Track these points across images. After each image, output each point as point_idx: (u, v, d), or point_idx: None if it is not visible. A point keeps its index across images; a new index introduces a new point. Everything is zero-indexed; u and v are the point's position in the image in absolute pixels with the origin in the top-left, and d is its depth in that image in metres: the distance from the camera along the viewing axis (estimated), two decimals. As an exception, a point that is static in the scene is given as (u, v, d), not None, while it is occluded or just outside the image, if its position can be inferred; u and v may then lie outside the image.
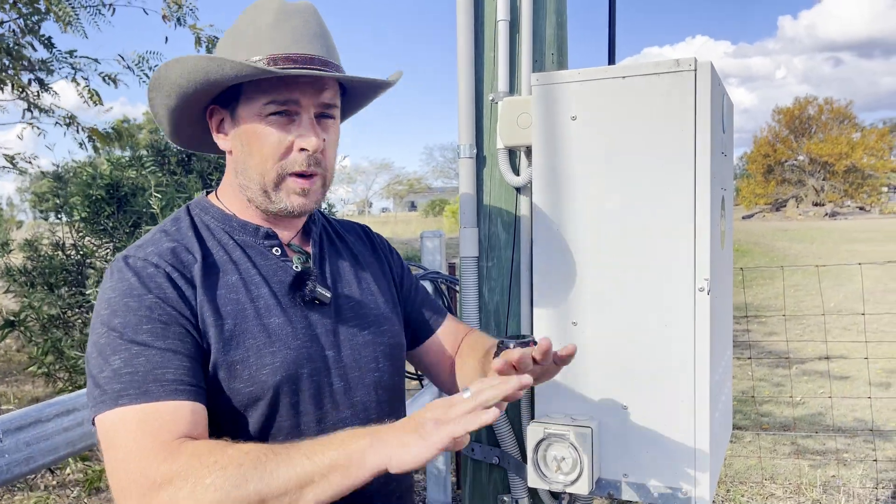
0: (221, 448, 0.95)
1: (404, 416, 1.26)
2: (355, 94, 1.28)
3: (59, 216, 3.46)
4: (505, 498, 1.64)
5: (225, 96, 1.18)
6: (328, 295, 1.18)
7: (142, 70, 5.41)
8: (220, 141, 1.22)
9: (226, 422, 1.10)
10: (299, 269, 1.19)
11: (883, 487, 4.14)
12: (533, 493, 1.62)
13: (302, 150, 1.13)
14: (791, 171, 53.39)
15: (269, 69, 1.10)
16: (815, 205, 50.46)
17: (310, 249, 1.25)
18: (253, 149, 1.15)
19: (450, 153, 68.39)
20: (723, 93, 1.51)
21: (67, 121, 5.97)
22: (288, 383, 1.11)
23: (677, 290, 1.35)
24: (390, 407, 1.25)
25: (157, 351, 1.01)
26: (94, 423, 1.04)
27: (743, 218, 47.74)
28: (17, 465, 1.53)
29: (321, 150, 1.14)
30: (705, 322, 1.34)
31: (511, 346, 1.12)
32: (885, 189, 55.26)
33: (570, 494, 1.54)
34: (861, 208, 51.04)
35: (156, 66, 5.52)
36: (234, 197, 1.22)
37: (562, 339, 1.45)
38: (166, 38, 5.78)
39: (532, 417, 1.56)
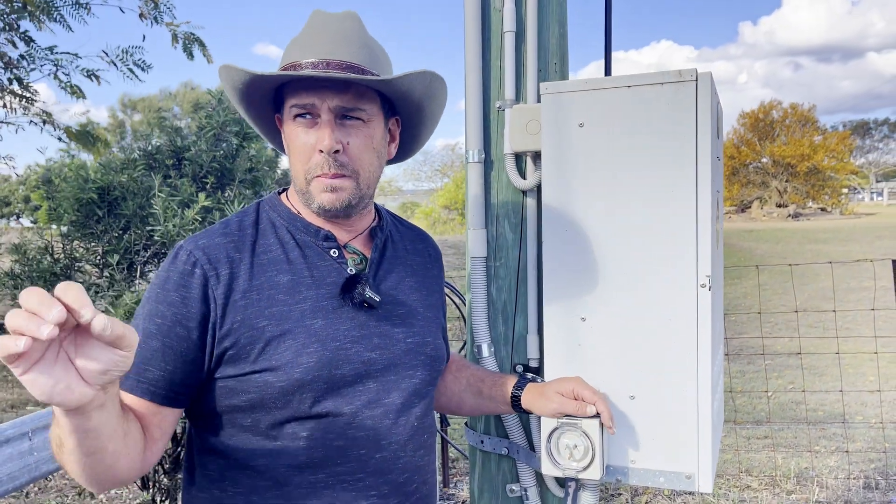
0: None
1: (431, 420, 1.35)
2: (405, 103, 1.30)
3: (50, 220, 3.46)
4: (514, 487, 1.72)
5: (279, 105, 1.26)
6: (377, 299, 1.23)
7: (125, 65, 5.40)
8: (285, 146, 1.29)
9: (259, 411, 1.16)
10: (353, 271, 1.24)
11: (854, 478, 4.30)
12: (540, 480, 1.70)
13: (319, 151, 1.18)
14: (755, 173, 54.43)
15: (260, 73, 1.17)
16: (779, 206, 51.50)
17: (369, 253, 1.30)
18: (290, 151, 1.24)
19: (420, 156, 68.38)
20: (717, 100, 1.61)
21: (44, 118, 5.93)
22: (320, 382, 1.16)
23: (681, 287, 1.44)
24: (420, 411, 1.30)
25: (154, 347, 1.13)
26: None
27: (709, 219, 48.33)
28: (45, 463, 1.56)
29: (337, 150, 1.18)
30: (707, 317, 1.43)
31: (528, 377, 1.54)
32: (845, 191, 56.65)
33: (577, 481, 1.62)
34: (822, 209, 52.27)
35: (140, 60, 5.52)
36: (295, 199, 1.29)
37: (571, 334, 1.53)
38: (143, 35, 5.78)
39: (541, 409, 1.64)
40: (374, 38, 1.28)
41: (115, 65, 5.22)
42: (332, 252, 1.25)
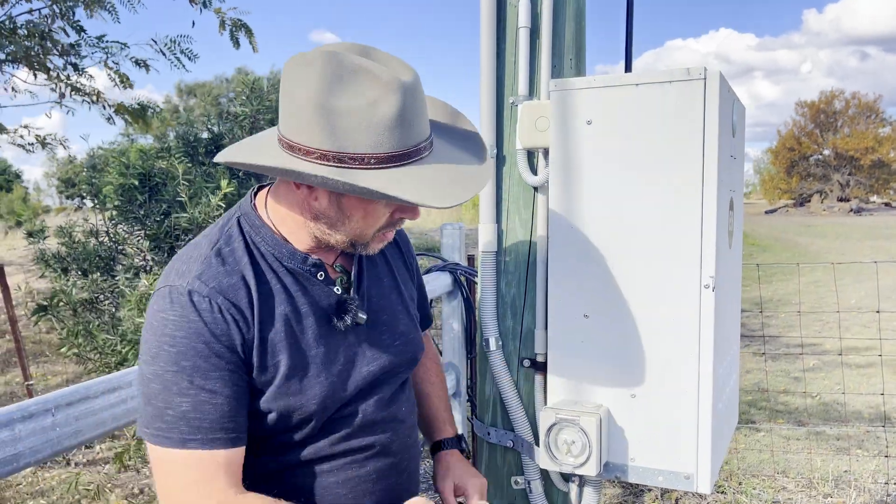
0: None
1: (414, 399, 1.42)
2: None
3: (94, 204, 3.61)
4: (518, 479, 1.74)
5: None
6: (364, 317, 1.25)
7: (173, 53, 5.55)
8: (302, 189, 1.15)
9: (277, 436, 1.21)
10: (339, 291, 1.24)
11: (895, 483, 4.18)
12: (544, 474, 1.71)
13: (402, 219, 1.18)
14: (816, 165, 52.71)
15: (419, 203, 1.05)
16: (840, 200, 49.82)
17: (350, 266, 1.30)
18: (354, 218, 1.15)
19: (470, 143, 68.04)
20: (733, 99, 1.59)
21: (94, 97, 6.11)
22: (331, 408, 1.21)
23: (684, 287, 1.44)
24: (406, 395, 1.37)
25: (224, 399, 1.11)
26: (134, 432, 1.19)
27: (766, 213, 47.28)
28: (67, 438, 1.64)
29: None
30: (710, 317, 1.42)
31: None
32: (913, 185, 54.40)
33: (580, 476, 1.63)
34: (887, 204, 50.34)
35: (188, 48, 5.64)
36: (292, 225, 1.20)
37: (574, 331, 1.54)
38: (193, 22, 5.91)
39: (545, 404, 1.65)
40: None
41: (163, 53, 5.37)
42: (318, 275, 1.23)
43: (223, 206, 3.05)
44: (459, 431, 1.53)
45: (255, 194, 1.26)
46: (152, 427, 1.10)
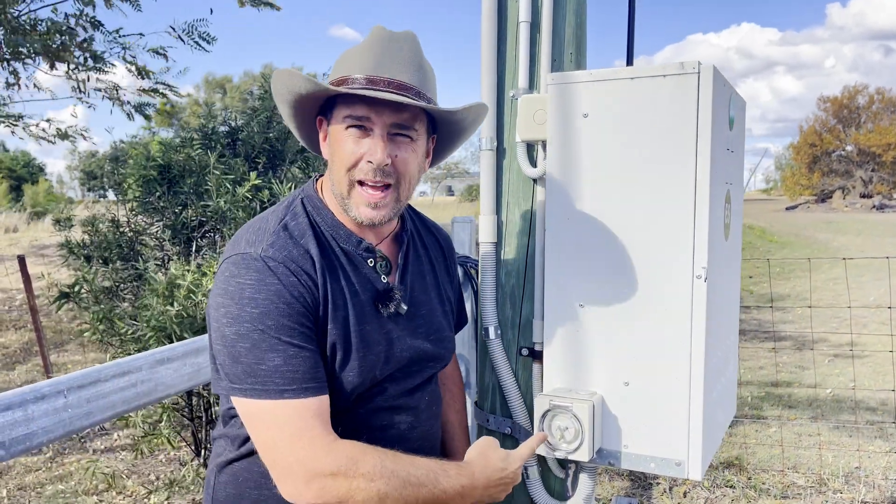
0: (371, 455, 1.17)
1: (439, 390, 1.51)
2: (448, 125, 1.39)
3: (117, 196, 3.71)
4: (516, 465, 1.77)
5: (325, 108, 1.33)
6: (405, 307, 1.35)
7: (192, 39, 5.64)
8: (323, 147, 1.37)
9: None
10: (385, 280, 1.35)
11: (905, 480, 4.17)
12: (542, 461, 1.75)
13: (368, 161, 1.26)
14: (838, 161, 52.06)
15: (329, 87, 1.24)
16: (863, 197, 49.19)
17: (395, 258, 1.40)
18: (334, 155, 1.30)
19: (488, 137, 67.99)
20: (730, 92, 1.61)
21: (113, 92, 6.22)
22: (367, 383, 1.30)
23: (676, 277, 1.46)
24: (433, 386, 1.46)
25: (310, 353, 1.21)
26: (224, 397, 1.30)
27: (787, 209, 46.78)
28: (79, 419, 1.70)
29: (387, 164, 1.25)
30: (702, 307, 1.45)
31: None
32: (937, 182, 53.53)
33: (576, 463, 1.67)
34: (910, 201, 49.60)
35: (205, 32, 5.74)
36: (332, 198, 1.35)
37: (570, 319, 1.57)
38: (211, 9, 5.98)
39: (541, 391, 1.69)
40: (426, 58, 1.35)
41: (181, 39, 5.46)
42: (369, 262, 1.34)
43: (249, 197, 3.12)
44: (470, 423, 1.63)
45: (316, 181, 1.40)
46: (244, 383, 1.18)
